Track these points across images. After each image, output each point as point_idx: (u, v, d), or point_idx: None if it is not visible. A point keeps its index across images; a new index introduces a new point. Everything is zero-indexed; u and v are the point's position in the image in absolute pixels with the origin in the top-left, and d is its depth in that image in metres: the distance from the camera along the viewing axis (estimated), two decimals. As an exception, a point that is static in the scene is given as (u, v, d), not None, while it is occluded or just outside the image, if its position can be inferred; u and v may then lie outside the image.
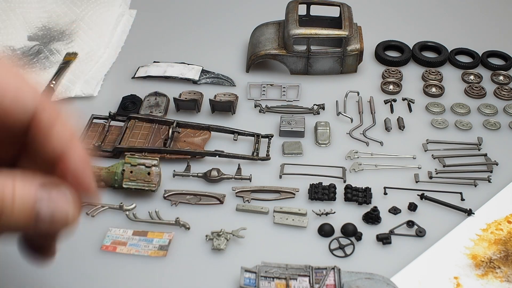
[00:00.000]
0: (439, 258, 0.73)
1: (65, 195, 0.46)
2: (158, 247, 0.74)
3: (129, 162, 0.79)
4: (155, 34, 1.13)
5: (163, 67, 1.02)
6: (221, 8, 1.20)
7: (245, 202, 0.80)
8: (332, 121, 0.93)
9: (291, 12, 1.01)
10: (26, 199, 0.43)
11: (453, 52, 1.07)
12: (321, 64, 1.01)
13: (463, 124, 0.93)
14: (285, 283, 0.68)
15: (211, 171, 0.83)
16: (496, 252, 0.74)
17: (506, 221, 0.78)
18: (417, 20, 1.18)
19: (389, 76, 1.02)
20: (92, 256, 0.73)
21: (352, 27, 0.99)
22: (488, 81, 1.03)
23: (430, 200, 0.80)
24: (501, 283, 0.70)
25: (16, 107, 0.46)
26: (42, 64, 1.02)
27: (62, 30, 1.10)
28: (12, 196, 0.42)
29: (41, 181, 0.45)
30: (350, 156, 0.87)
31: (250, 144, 0.89)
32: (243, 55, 1.07)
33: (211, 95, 0.96)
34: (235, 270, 0.70)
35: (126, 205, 0.78)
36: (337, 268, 0.69)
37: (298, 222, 0.77)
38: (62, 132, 0.47)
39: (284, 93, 0.98)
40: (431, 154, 0.87)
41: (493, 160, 0.86)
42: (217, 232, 0.75)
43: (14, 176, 0.43)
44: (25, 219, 0.43)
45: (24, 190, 0.43)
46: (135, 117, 0.91)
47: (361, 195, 0.80)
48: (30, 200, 0.43)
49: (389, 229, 0.76)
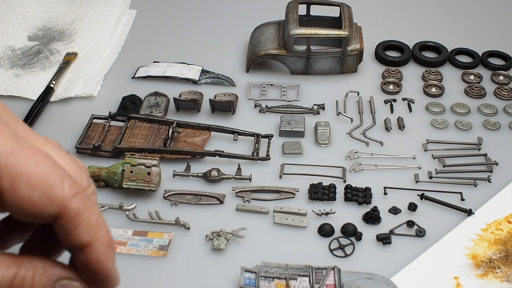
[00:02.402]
0: (439, 258, 0.73)
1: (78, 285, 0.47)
2: (158, 247, 0.74)
3: (129, 162, 0.79)
4: (155, 34, 1.13)
5: (163, 67, 1.02)
6: (221, 8, 1.20)
7: (245, 202, 0.80)
8: (332, 121, 0.93)
9: (291, 12, 1.01)
10: None
11: (453, 52, 1.07)
12: (321, 64, 1.01)
13: (463, 124, 0.93)
14: (285, 283, 0.68)
15: (211, 171, 0.83)
16: (496, 252, 0.74)
17: (506, 221, 0.78)
18: (417, 20, 1.18)
19: (389, 76, 1.02)
20: (92, 256, 0.73)
21: (352, 27, 0.99)
22: (488, 81, 1.03)
23: (430, 200, 0.80)
24: (501, 283, 0.70)
25: (44, 201, 0.44)
26: (42, 64, 1.02)
27: (62, 30, 1.10)
28: (31, 285, 0.45)
29: (59, 274, 0.46)
30: (350, 156, 0.87)
31: (250, 144, 0.89)
32: (243, 55, 1.07)
33: (211, 95, 0.96)
34: (235, 270, 0.70)
35: (126, 205, 0.78)
36: (337, 268, 0.69)
37: (298, 222, 0.77)
38: (89, 222, 0.45)
39: (284, 93, 0.98)
40: (431, 154, 0.87)
41: (493, 160, 0.86)
42: (217, 232, 0.75)
43: (35, 267, 0.45)
44: None
45: (42, 281, 0.45)
46: (135, 117, 0.91)
47: (361, 195, 0.80)
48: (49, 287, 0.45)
49: (389, 229, 0.76)
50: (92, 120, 0.91)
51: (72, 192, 0.44)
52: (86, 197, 0.45)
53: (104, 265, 0.46)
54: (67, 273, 0.47)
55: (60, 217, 0.44)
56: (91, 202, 0.46)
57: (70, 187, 0.44)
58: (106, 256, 0.46)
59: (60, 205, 0.44)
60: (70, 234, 0.45)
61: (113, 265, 0.47)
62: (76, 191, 0.44)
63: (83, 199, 0.45)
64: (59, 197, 0.44)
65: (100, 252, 0.46)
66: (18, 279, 0.44)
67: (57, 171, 0.44)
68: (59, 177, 0.44)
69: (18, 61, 1.03)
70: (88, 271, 0.46)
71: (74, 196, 0.44)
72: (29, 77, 1.00)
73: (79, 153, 0.86)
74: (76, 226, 0.45)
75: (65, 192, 0.44)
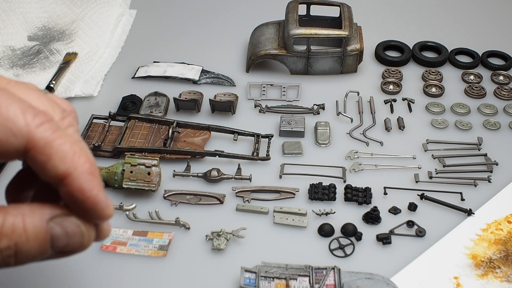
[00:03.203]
0: (439, 258, 0.73)
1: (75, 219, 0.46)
2: (158, 247, 0.74)
3: (129, 162, 0.79)
4: (155, 34, 1.13)
5: (163, 67, 1.02)
6: (221, 8, 1.20)
7: (245, 202, 0.80)
8: (332, 121, 0.93)
9: (291, 12, 1.01)
10: (38, 228, 0.44)
11: (453, 52, 1.07)
12: (321, 64, 1.01)
13: (463, 124, 0.93)
14: (285, 283, 0.68)
15: (211, 171, 0.83)
16: (496, 252, 0.74)
17: (506, 221, 0.78)
18: (417, 20, 1.18)
19: (389, 76, 1.02)
20: (92, 256, 0.73)
21: (352, 27, 0.99)
22: (488, 81, 1.03)
23: (430, 200, 0.80)
24: (501, 283, 0.70)
25: (7, 134, 0.42)
26: (42, 64, 1.02)
27: (62, 30, 1.10)
28: (23, 228, 0.43)
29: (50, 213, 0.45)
30: (350, 156, 0.87)
31: (250, 144, 0.89)
32: (243, 55, 1.07)
33: (211, 95, 0.96)
34: (235, 270, 0.70)
35: (126, 205, 0.78)
36: (337, 268, 0.69)
37: (298, 222, 0.77)
38: (62, 151, 0.43)
39: (284, 93, 0.98)
40: (431, 154, 0.87)
41: (493, 160, 0.86)
42: (217, 232, 0.75)
43: (23, 211, 0.44)
44: (40, 244, 0.44)
45: (34, 223, 0.44)
46: (135, 117, 0.91)
47: (361, 195, 0.80)
48: (43, 228, 0.44)
49: (389, 229, 0.76)
50: (92, 120, 0.91)
51: (36, 122, 0.43)
52: (55, 127, 0.44)
53: (90, 194, 0.44)
54: (59, 211, 0.45)
55: (29, 150, 0.43)
56: (62, 131, 0.44)
57: (33, 117, 0.43)
58: (89, 184, 0.44)
59: (25, 137, 0.42)
60: (45, 166, 0.43)
61: (100, 193, 0.45)
62: (41, 120, 0.43)
63: (51, 128, 0.43)
64: (23, 128, 0.42)
65: (81, 180, 0.44)
66: (7, 226, 0.43)
67: (16, 104, 0.43)
68: (20, 108, 0.43)
69: (18, 61, 1.03)
70: (74, 203, 0.45)
71: (39, 125, 0.43)
72: (29, 77, 1.00)
73: (79, 153, 0.86)
74: (48, 156, 0.43)
75: (28, 123, 0.42)
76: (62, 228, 0.45)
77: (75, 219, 0.46)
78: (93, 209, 0.45)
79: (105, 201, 0.45)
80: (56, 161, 0.43)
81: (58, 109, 0.47)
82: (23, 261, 0.44)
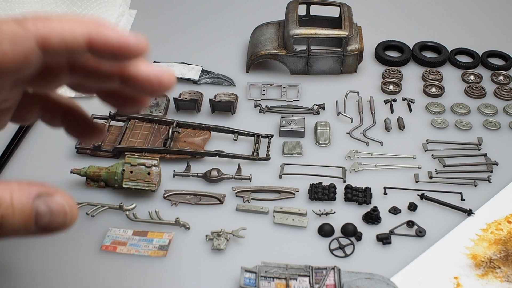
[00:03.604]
0: (439, 258, 0.73)
1: (60, 198, 0.49)
2: (158, 247, 0.74)
3: (129, 162, 0.79)
4: (155, 34, 1.13)
5: (163, 67, 1.02)
6: (221, 8, 1.20)
7: (245, 202, 0.80)
8: (332, 121, 0.93)
9: (291, 12, 1.01)
10: (24, 203, 0.47)
11: (453, 52, 1.07)
12: (321, 64, 1.01)
13: (463, 124, 0.93)
14: (285, 283, 0.68)
15: (211, 171, 0.83)
16: (496, 252, 0.74)
17: (506, 221, 0.78)
18: (417, 20, 1.18)
19: (389, 76, 1.02)
20: (92, 256, 0.73)
21: (352, 27, 0.99)
22: (488, 81, 1.03)
23: (430, 200, 0.80)
24: (501, 283, 0.70)
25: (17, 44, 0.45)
26: (42, 64, 1.02)
27: (62, 30, 1.10)
28: (10, 202, 0.46)
29: (37, 190, 0.47)
30: (350, 156, 0.87)
31: (250, 144, 0.89)
32: (243, 55, 1.07)
33: (211, 95, 0.96)
34: (235, 270, 0.70)
35: (126, 205, 0.78)
36: (337, 268, 0.69)
37: (298, 222, 0.77)
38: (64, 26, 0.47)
39: (284, 93, 0.98)
40: (431, 154, 0.87)
41: (493, 160, 0.86)
42: (217, 232, 0.75)
43: (11, 187, 0.47)
44: (25, 219, 0.47)
45: (21, 199, 0.47)
46: (135, 117, 0.91)
47: (361, 195, 0.80)
48: (29, 204, 0.47)
49: (389, 229, 0.76)
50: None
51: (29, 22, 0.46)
52: (44, 16, 0.47)
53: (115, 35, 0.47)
54: (46, 189, 0.48)
55: (42, 45, 0.46)
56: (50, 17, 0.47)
57: (23, 20, 0.46)
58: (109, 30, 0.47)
59: (32, 38, 0.45)
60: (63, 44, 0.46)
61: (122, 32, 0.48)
62: (34, 20, 0.46)
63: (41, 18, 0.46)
64: (27, 32, 0.45)
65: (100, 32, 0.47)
66: None
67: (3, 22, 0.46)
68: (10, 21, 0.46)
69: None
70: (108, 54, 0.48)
71: (34, 22, 0.46)
72: None
73: (79, 153, 0.86)
74: (61, 35, 0.46)
75: (25, 27, 0.45)
76: (47, 206, 0.48)
77: (60, 199, 0.49)
78: (125, 46, 0.48)
79: (129, 36, 0.48)
80: (68, 36, 0.46)
81: None
82: (8, 233, 0.47)
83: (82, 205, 0.78)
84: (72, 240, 0.75)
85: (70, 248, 0.74)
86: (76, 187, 0.81)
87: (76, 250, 0.74)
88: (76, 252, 0.73)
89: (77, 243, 0.74)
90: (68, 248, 0.74)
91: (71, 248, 0.74)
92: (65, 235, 0.76)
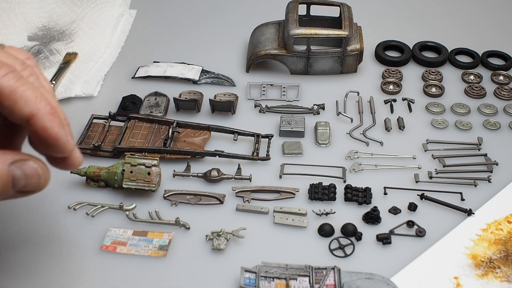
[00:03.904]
0: (439, 258, 0.73)
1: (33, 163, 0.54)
2: (158, 247, 0.74)
3: (129, 162, 0.79)
4: (155, 34, 1.13)
5: (163, 67, 1.02)
6: (221, 8, 1.20)
7: (245, 202, 0.80)
8: (332, 121, 0.93)
9: (291, 12, 1.01)
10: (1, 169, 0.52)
11: (453, 52, 1.07)
12: (321, 64, 1.01)
13: (463, 124, 0.93)
14: (285, 283, 0.68)
15: (211, 171, 0.83)
16: (496, 252, 0.74)
17: (506, 221, 0.78)
18: (417, 20, 1.18)
19: (389, 76, 1.02)
20: (92, 256, 0.73)
21: (352, 27, 0.99)
22: (488, 81, 1.03)
23: (430, 200, 0.80)
24: (501, 283, 0.70)
25: None
26: (42, 64, 1.02)
27: (62, 30, 1.10)
28: None
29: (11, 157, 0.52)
30: (350, 156, 0.87)
31: (250, 144, 0.89)
32: (243, 55, 1.07)
33: (211, 95, 0.96)
34: (235, 270, 0.70)
35: (126, 205, 0.78)
36: (337, 268, 0.69)
37: (298, 222, 0.77)
38: (26, 96, 0.51)
39: (284, 93, 0.98)
40: (431, 154, 0.87)
41: (493, 160, 0.86)
42: (217, 232, 0.75)
43: None
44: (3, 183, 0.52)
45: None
46: (135, 117, 0.91)
47: (361, 195, 0.80)
48: (5, 170, 0.51)
49: (389, 229, 0.76)
50: (92, 120, 0.91)
51: (1, 73, 0.51)
52: (18, 76, 0.52)
53: (51, 131, 0.52)
54: (19, 156, 0.53)
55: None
56: (24, 80, 0.52)
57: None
58: (51, 123, 0.52)
59: None
60: (12, 110, 0.51)
61: (61, 130, 0.53)
62: (6, 72, 0.51)
63: (14, 77, 0.51)
64: None
65: (43, 120, 0.52)
66: None
67: None
68: None
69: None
70: (39, 140, 0.53)
71: (4, 76, 0.51)
72: None
73: (79, 153, 0.87)
74: (14, 101, 0.51)
75: None
76: (22, 170, 0.53)
77: (33, 163, 0.54)
78: (55, 144, 0.53)
79: (65, 137, 0.54)
80: (21, 105, 0.51)
81: (18, 61, 0.55)
82: None
83: (82, 205, 0.78)
84: (72, 240, 0.75)
85: (70, 248, 0.74)
86: (76, 187, 0.82)
87: (76, 250, 0.74)
88: (76, 252, 0.73)
89: (77, 243, 0.74)
90: (68, 248, 0.74)
91: (71, 248, 0.74)
92: (65, 235, 0.77)
